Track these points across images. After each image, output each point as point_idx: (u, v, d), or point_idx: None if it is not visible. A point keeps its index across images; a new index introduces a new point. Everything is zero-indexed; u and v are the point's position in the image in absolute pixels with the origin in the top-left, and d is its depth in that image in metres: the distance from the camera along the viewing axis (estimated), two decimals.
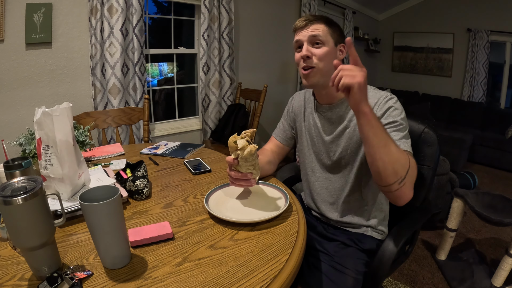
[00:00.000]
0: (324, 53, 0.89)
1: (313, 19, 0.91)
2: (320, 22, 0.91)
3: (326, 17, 0.93)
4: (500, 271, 1.56)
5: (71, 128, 0.80)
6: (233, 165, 0.82)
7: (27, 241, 0.52)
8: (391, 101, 0.88)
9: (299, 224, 0.75)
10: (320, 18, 0.92)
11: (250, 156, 0.78)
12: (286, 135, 1.13)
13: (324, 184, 1.03)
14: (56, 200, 0.66)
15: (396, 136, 0.83)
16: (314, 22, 0.91)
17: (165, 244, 0.67)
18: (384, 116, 0.86)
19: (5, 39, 1.65)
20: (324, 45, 0.89)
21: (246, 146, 0.77)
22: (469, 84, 4.54)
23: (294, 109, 1.11)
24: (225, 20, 2.60)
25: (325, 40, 0.89)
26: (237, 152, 0.79)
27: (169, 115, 2.76)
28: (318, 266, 0.90)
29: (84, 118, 1.57)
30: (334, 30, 0.91)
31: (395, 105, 0.87)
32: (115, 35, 1.95)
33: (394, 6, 5.20)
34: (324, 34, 0.89)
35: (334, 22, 0.94)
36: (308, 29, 0.91)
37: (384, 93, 0.90)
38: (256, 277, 0.57)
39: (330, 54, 0.90)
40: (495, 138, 3.74)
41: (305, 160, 1.08)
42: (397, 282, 1.67)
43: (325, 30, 0.90)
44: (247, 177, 0.82)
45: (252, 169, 0.82)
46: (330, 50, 0.90)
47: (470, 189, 2.70)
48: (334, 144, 0.97)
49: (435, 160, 1.00)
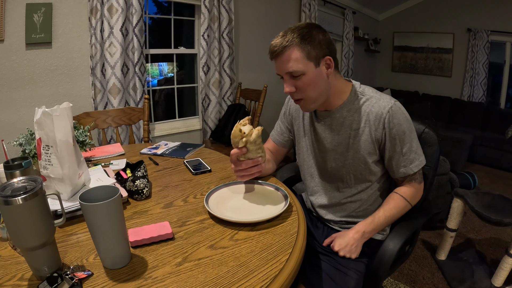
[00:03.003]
0: (307, 84, 0.84)
1: (284, 46, 0.81)
2: (292, 46, 0.81)
3: (299, 34, 0.81)
4: (500, 271, 1.56)
5: (71, 128, 0.80)
6: (242, 154, 0.84)
7: (27, 241, 0.52)
8: (395, 115, 0.86)
9: (299, 224, 0.75)
10: (291, 41, 0.81)
11: (258, 138, 0.82)
12: (283, 138, 1.11)
13: (323, 189, 1.03)
14: (56, 200, 0.66)
15: (406, 163, 0.90)
16: (286, 49, 0.81)
17: (165, 244, 0.67)
18: (391, 138, 0.87)
19: (5, 39, 1.65)
20: (304, 75, 0.83)
21: (252, 130, 0.81)
22: (469, 84, 4.54)
23: (292, 112, 1.08)
24: (225, 20, 2.60)
25: (303, 69, 0.82)
26: (244, 140, 0.81)
27: (169, 115, 2.76)
28: (320, 266, 0.90)
29: (84, 118, 1.57)
30: (311, 48, 0.81)
31: (399, 117, 0.86)
32: (115, 35, 1.95)
33: (394, 6, 5.20)
34: (300, 63, 0.81)
35: (309, 36, 0.82)
36: (281, 60, 0.83)
37: (385, 104, 0.87)
38: (256, 277, 0.57)
39: (314, 79, 0.84)
40: (495, 138, 3.74)
41: (304, 164, 1.06)
42: (397, 282, 1.67)
43: (300, 56, 0.81)
44: (258, 161, 0.86)
45: (260, 152, 0.86)
46: (313, 76, 0.83)
47: (470, 189, 2.70)
48: (334, 152, 0.96)
49: (435, 160, 1.00)
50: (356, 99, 0.91)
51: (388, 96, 0.89)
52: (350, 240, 0.89)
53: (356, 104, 0.90)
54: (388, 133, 0.87)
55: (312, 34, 0.82)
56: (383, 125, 0.86)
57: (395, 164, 0.91)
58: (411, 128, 0.89)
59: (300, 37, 0.81)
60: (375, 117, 0.87)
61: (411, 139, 0.89)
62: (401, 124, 0.86)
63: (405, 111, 0.89)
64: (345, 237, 0.90)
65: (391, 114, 0.85)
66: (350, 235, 0.90)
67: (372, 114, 0.88)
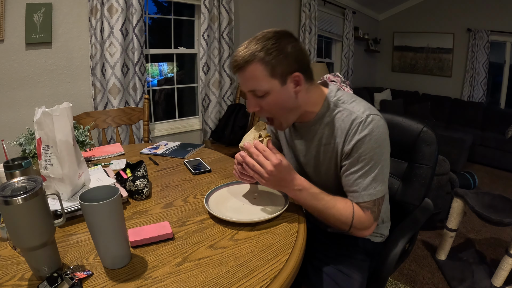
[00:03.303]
0: (272, 104, 0.75)
1: (246, 61, 0.72)
2: (255, 61, 0.71)
3: (263, 47, 0.71)
4: (500, 271, 1.56)
5: (71, 128, 0.80)
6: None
7: (27, 241, 0.52)
8: (367, 128, 0.74)
9: (299, 224, 0.75)
10: (254, 55, 0.71)
11: None
12: (278, 144, 1.05)
13: None
14: (56, 200, 0.66)
15: (358, 186, 0.76)
16: (248, 65, 0.72)
17: (165, 244, 0.67)
18: (351, 153, 0.76)
19: (5, 39, 1.65)
20: (269, 94, 0.74)
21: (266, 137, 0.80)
22: (469, 84, 4.54)
23: None
24: (225, 20, 2.60)
25: (266, 88, 0.73)
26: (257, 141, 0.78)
27: (169, 115, 2.76)
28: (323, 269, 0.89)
29: (84, 118, 1.57)
30: (276, 63, 0.71)
31: (371, 132, 0.74)
32: (115, 35, 1.95)
33: (394, 6, 5.20)
34: (263, 81, 0.72)
35: (275, 49, 0.71)
36: (243, 76, 0.74)
37: (354, 117, 0.76)
38: (256, 277, 0.57)
39: (279, 99, 0.75)
40: (495, 138, 3.74)
41: None
42: (397, 282, 1.67)
43: (263, 73, 0.72)
44: None
45: None
46: (278, 95, 0.74)
47: (470, 189, 2.70)
48: (309, 166, 0.89)
49: (434, 159, 1.00)
50: (328, 110, 0.81)
51: (363, 108, 0.77)
52: (283, 182, 0.75)
53: (327, 117, 0.81)
54: (351, 148, 0.76)
55: (279, 46, 0.71)
56: (350, 140, 0.76)
57: (345, 182, 0.80)
58: (381, 148, 0.75)
59: (265, 50, 0.70)
60: (345, 131, 0.77)
61: (375, 162, 0.75)
62: (370, 140, 0.74)
63: (380, 125, 0.75)
64: (285, 176, 0.75)
65: (361, 129, 0.74)
66: (289, 179, 0.76)
67: (342, 129, 0.78)
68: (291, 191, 0.77)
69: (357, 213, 0.77)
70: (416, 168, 1.01)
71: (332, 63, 4.67)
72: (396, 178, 1.06)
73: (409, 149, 1.02)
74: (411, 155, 1.02)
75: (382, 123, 0.76)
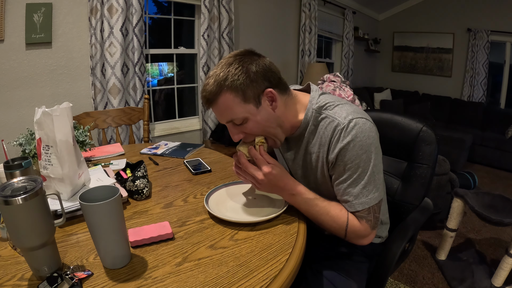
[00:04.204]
0: (254, 128, 0.74)
1: (216, 93, 0.70)
2: (223, 91, 0.69)
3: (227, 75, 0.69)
4: (500, 271, 1.56)
5: (71, 128, 0.80)
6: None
7: (27, 241, 0.52)
8: (350, 134, 0.70)
9: (299, 224, 0.75)
10: (221, 85, 0.69)
11: None
12: None
13: None
14: (56, 200, 0.66)
15: (348, 195, 0.74)
16: (218, 97, 0.70)
17: (165, 244, 0.67)
18: (337, 162, 0.73)
19: (5, 39, 1.65)
20: (248, 119, 0.72)
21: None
22: (469, 84, 4.54)
23: None
24: (225, 20, 2.60)
25: (243, 115, 0.71)
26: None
27: (169, 115, 2.76)
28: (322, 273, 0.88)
29: (84, 118, 1.58)
30: (244, 87, 0.69)
31: (355, 139, 0.70)
32: (115, 35, 1.95)
33: (394, 6, 5.20)
34: (238, 109, 0.70)
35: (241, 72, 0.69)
36: (217, 109, 0.73)
37: (341, 120, 0.72)
38: (256, 277, 0.57)
39: (260, 121, 0.73)
40: (495, 138, 3.74)
41: None
42: (397, 282, 1.67)
43: (235, 101, 0.70)
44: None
45: None
46: (257, 118, 0.72)
47: (470, 189, 2.70)
48: (300, 175, 0.88)
49: (433, 158, 0.99)
50: (311, 118, 0.79)
51: (345, 112, 0.74)
52: (275, 188, 0.76)
53: (312, 125, 0.79)
54: (335, 157, 0.73)
55: (243, 69, 0.69)
56: (333, 148, 0.73)
57: (336, 192, 0.78)
58: (368, 153, 0.72)
59: (230, 77, 0.69)
60: (328, 140, 0.75)
61: (363, 169, 0.72)
62: (355, 147, 0.71)
63: (365, 130, 0.71)
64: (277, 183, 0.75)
65: (343, 136, 0.71)
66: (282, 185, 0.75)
67: (325, 137, 0.76)
68: (285, 196, 0.78)
69: (352, 222, 0.75)
70: (415, 168, 1.01)
71: (332, 63, 4.67)
72: (396, 177, 1.06)
73: (409, 148, 1.02)
74: (410, 155, 1.02)
75: (368, 126, 0.72)
